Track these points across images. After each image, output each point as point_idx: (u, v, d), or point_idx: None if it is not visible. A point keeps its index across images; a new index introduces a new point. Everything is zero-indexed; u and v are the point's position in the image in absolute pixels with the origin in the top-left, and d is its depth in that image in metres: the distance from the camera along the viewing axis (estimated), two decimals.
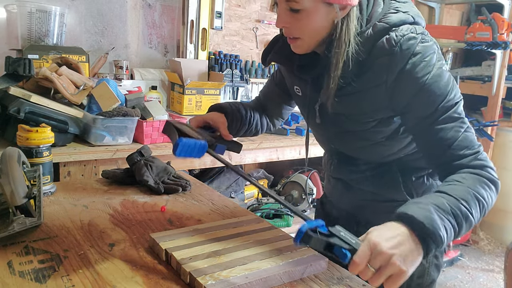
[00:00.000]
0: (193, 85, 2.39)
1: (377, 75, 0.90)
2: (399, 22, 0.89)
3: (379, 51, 0.89)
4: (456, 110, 0.89)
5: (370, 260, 0.72)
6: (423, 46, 0.87)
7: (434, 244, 0.75)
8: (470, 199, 0.81)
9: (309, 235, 0.72)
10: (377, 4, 0.93)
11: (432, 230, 0.75)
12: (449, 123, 0.88)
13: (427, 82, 0.87)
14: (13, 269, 0.79)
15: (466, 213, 0.80)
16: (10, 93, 1.59)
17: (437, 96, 0.87)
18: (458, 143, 0.88)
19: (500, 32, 3.17)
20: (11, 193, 0.90)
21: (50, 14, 2.04)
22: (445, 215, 0.78)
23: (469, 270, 3.10)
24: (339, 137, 1.09)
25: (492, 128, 3.48)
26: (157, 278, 0.80)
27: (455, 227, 0.79)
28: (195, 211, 1.14)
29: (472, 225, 0.82)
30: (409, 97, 0.89)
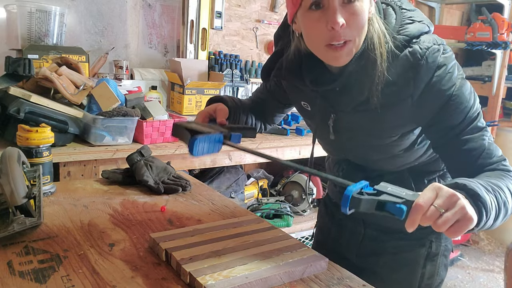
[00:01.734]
0: (193, 85, 2.39)
1: (402, 89, 0.88)
2: (418, 33, 0.87)
3: (403, 64, 0.86)
4: (480, 119, 0.89)
5: (437, 202, 0.68)
6: (445, 58, 0.86)
7: (484, 213, 0.73)
8: (504, 189, 0.80)
9: (357, 198, 0.67)
10: (389, 15, 0.90)
11: (484, 198, 0.73)
12: (476, 133, 0.88)
13: (453, 94, 0.86)
14: (13, 269, 0.79)
15: (504, 199, 0.79)
16: (10, 93, 1.59)
17: (463, 107, 0.87)
18: (487, 152, 0.88)
19: (500, 32, 3.17)
20: (11, 193, 0.90)
21: (50, 14, 2.04)
22: (490, 195, 0.76)
23: (469, 270, 3.10)
24: (354, 151, 1.07)
25: (492, 128, 3.48)
26: (157, 278, 0.80)
27: (497, 207, 0.77)
28: (195, 211, 1.14)
29: (508, 213, 0.80)
30: (436, 110, 0.88)
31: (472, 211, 0.69)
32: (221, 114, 1.02)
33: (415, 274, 1.08)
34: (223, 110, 1.03)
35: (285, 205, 2.60)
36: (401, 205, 0.67)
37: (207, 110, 1.04)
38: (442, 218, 0.67)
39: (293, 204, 2.71)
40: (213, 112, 1.03)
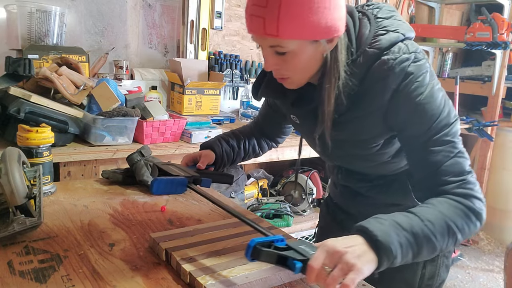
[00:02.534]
0: (193, 85, 2.39)
1: (373, 100, 0.89)
2: (390, 45, 0.87)
3: (372, 76, 0.88)
4: (449, 132, 0.87)
5: (325, 262, 0.71)
6: (416, 66, 0.85)
7: (386, 257, 0.74)
8: (437, 223, 0.80)
9: (258, 249, 0.72)
10: (363, 26, 0.90)
11: (385, 244, 0.73)
12: (439, 146, 0.86)
13: (420, 102, 0.85)
14: (13, 269, 0.79)
15: (428, 236, 0.78)
16: (10, 93, 1.59)
17: (429, 116, 0.86)
18: (444, 168, 0.86)
19: (500, 32, 3.18)
20: (11, 193, 0.90)
21: (50, 14, 2.04)
22: (402, 233, 0.76)
23: (469, 270, 3.11)
24: (343, 160, 1.08)
25: (492, 128, 3.49)
26: (157, 278, 0.80)
27: (413, 246, 0.77)
28: (195, 211, 1.14)
29: (436, 249, 0.80)
30: (403, 116, 0.88)
31: (361, 262, 0.71)
32: (204, 160, 1.13)
33: (415, 274, 1.09)
34: (208, 156, 1.15)
35: (285, 205, 2.60)
36: (297, 262, 0.72)
37: (193, 155, 1.16)
38: (329, 277, 0.70)
39: (293, 204, 2.71)
40: (199, 156, 1.15)
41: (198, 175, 1.07)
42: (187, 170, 1.09)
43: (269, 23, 0.79)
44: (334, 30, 0.83)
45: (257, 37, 0.86)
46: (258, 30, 0.82)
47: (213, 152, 1.17)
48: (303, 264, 0.72)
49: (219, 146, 1.18)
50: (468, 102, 3.81)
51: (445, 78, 3.86)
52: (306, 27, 0.80)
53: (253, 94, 1.07)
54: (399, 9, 3.58)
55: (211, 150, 1.17)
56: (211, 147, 1.18)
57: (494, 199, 3.61)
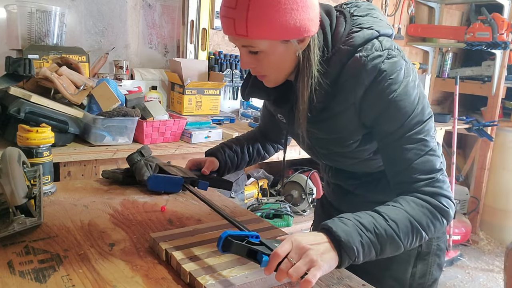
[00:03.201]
0: (193, 85, 2.39)
1: (347, 97, 0.90)
2: (363, 41, 0.88)
3: (345, 73, 0.89)
4: (421, 130, 0.87)
5: (290, 254, 0.74)
6: (390, 63, 0.86)
7: (347, 255, 0.77)
8: (402, 222, 0.82)
9: (229, 240, 0.75)
10: (339, 24, 0.91)
11: (346, 243, 0.76)
12: (410, 144, 0.87)
13: (392, 100, 0.86)
14: (13, 269, 0.79)
15: (391, 235, 0.81)
16: (10, 93, 1.59)
17: (401, 114, 0.87)
18: (414, 166, 0.87)
19: (500, 32, 3.18)
20: (11, 193, 0.90)
21: (50, 14, 2.04)
22: (365, 232, 0.79)
23: (469, 270, 3.11)
24: (328, 157, 1.09)
25: (492, 128, 3.49)
26: (157, 278, 0.80)
27: (376, 245, 0.80)
28: (195, 211, 1.14)
29: (400, 247, 0.83)
30: (375, 113, 0.89)
31: (324, 259, 0.74)
32: (208, 166, 1.15)
33: (406, 272, 1.09)
34: (212, 162, 1.17)
35: (285, 205, 2.61)
36: (265, 256, 0.74)
37: (198, 160, 1.19)
38: (293, 268, 0.72)
39: (293, 204, 2.71)
40: (203, 162, 1.17)
41: (196, 177, 1.10)
42: (186, 172, 1.13)
43: (238, 24, 0.82)
44: (304, 30, 0.84)
45: (230, 37, 0.88)
46: (229, 30, 0.85)
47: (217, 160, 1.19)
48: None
49: (222, 153, 1.21)
50: (468, 102, 3.82)
51: (445, 78, 3.86)
52: (275, 27, 0.82)
53: (241, 94, 1.09)
54: (399, 9, 3.58)
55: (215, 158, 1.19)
56: (214, 155, 1.20)
57: (494, 199, 3.61)
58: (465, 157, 3.98)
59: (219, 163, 1.18)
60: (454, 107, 3.18)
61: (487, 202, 3.65)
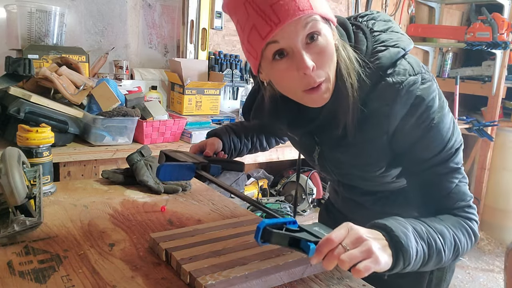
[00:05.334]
0: (193, 85, 2.39)
1: (378, 125, 0.84)
2: (391, 62, 0.81)
3: (376, 98, 0.82)
4: (454, 159, 0.85)
5: (345, 241, 0.68)
6: (424, 89, 0.80)
7: (402, 260, 0.72)
8: (447, 237, 0.80)
9: (269, 231, 0.68)
10: (359, 41, 0.84)
11: (406, 247, 0.72)
12: (445, 173, 0.85)
13: (429, 127, 0.82)
14: (13, 269, 0.79)
15: (439, 248, 0.79)
16: (10, 93, 1.59)
17: (437, 143, 0.83)
18: (451, 195, 0.85)
19: (500, 32, 3.18)
20: (11, 193, 0.90)
21: (50, 14, 2.04)
22: (420, 240, 0.76)
23: (469, 270, 3.10)
24: (344, 178, 1.04)
25: (492, 128, 3.49)
26: (157, 278, 0.80)
27: (426, 255, 0.77)
28: (195, 211, 1.14)
29: (442, 262, 0.81)
30: (411, 141, 0.84)
31: (382, 254, 0.69)
32: (211, 148, 1.07)
33: (423, 280, 1.05)
34: (214, 144, 1.08)
35: (285, 205, 2.60)
36: (311, 243, 0.68)
37: (199, 144, 1.10)
38: (347, 253, 0.66)
39: (293, 204, 2.71)
40: (205, 145, 1.08)
41: (206, 161, 1.01)
42: (195, 157, 1.03)
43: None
44: (332, 15, 0.80)
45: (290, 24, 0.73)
46: (292, 11, 0.72)
47: (220, 140, 1.11)
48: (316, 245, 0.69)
49: (227, 135, 1.13)
50: (468, 102, 3.82)
51: (445, 78, 3.86)
52: (324, 2, 0.78)
53: (244, 116, 1.03)
54: (399, 9, 3.58)
55: (218, 138, 1.12)
56: (219, 135, 1.12)
57: (494, 199, 3.61)
58: (465, 157, 3.96)
59: (222, 145, 1.11)
60: (454, 107, 3.18)
61: (487, 202, 3.65)
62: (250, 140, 1.19)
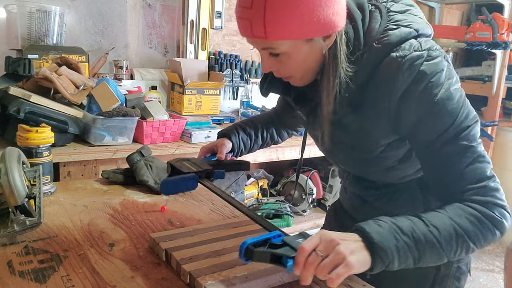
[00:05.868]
0: (193, 85, 2.39)
1: (380, 102, 0.83)
2: (400, 40, 0.80)
3: (379, 75, 0.81)
4: (467, 136, 0.79)
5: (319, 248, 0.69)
6: (429, 65, 0.78)
7: (380, 260, 0.71)
8: (444, 229, 0.75)
9: (250, 249, 0.71)
10: (374, 19, 0.83)
11: (380, 247, 0.71)
12: (456, 152, 0.79)
13: (433, 105, 0.79)
14: (13, 269, 0.79)
15: (431, 241, 0.74)
16: (10, 93, 1.59)
17: (444, 120, 0.79)
18: (463, 176, 0.79)
19: (500, 32, 3.18)
20: (11, 193, 0.89)
21: (50, 14, 2.04)
22: (402, 236, 0.73)
23: None
24: (348, 163, 1.03)
25: (492, 128, 3.48)
26: (157, 278, 0.80)
27: (413, 251, 0.73)
28: (195, 211, 1.14)
29: (442, 256, 0.76)
30: (414, 119, 0.81)
31: (353, 257, 0.69)
32: (221, 150, 1.12)
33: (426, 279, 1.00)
34: (225, 145, 1.13)
35: (285, 205, 2.60)
36: (290, 260, 0.70)
37: (210, 146, 1.15)
38: (320, 266, 0.68)
39: (293, 204, 2.71)
40: (215, 147, 1.13)
41: (210, 168, 1.04)
42: (200, 164, 1.05)
43: (256, 25, 0.75)
44: (329, 26, 0.77)
45: (248, 40, 0.82)
46: (246, 33, 0.79)
47: (230, 141, 1.15)
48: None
49: (236, 135, 1.16)
50: None
51: None
52: (295, 26, 0.75)
53: (260, 90, 1.03)
54: None
55: (228, 139, 1.15)
56: (228, 136, 1.15)
57: None
58: None
59: (232, 145, 1.14)
60: None
61: None
62: (261, 136, 1.22)
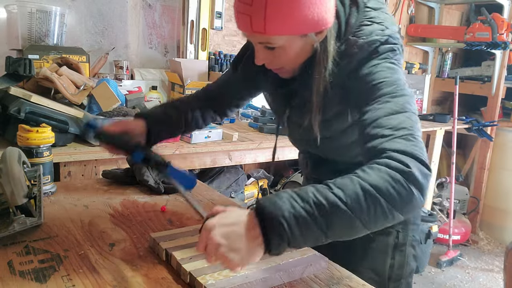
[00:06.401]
0: (193, 85, 2.39)
1: (342, 76, 0.88)
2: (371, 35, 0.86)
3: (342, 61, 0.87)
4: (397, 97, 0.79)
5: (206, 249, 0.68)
6: (385, 48, 0.85)
7: (274, 232, 0.65)
8: (349, 188, 0.68)
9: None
10: (352, 14, 0.88)
11: (271, 216, 0.65)
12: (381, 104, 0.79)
13: (374, 71, 0.83)
14: (13, 269, 0.79)
15: (335, 203, 0.66)
16: (10, 93, 1.59)
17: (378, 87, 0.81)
18: (379, 122, 0.77)
19: (500, 32, 3.18)
20: (12, 193, 0.90)
21: (50, 14, 2.04)
22: (299, 203, 0.66)
23: (468, 270, 3.11)
24: (311, 143, 1.05)
25: (492, 128, 3.49)
26: (157, 278, 0.80)
27: (317, 218, 0.65)
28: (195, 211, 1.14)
29: (354, 220, 0.67)
30: (358, 90, 0.85)
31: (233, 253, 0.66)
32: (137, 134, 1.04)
33: (385, 263, 1.11)
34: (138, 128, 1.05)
35: None
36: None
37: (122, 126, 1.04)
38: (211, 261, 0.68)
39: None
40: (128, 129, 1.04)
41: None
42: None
43: (255, 21, 0.79)
44: (322, 23, 0.82)
45: (245, 34, 0.86)
46: (245, 27, 0.82)
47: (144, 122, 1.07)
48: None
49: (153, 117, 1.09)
50: (468, 102, 3.82)
51: (445, 78, 3.86)
52: (294, 22, 0.79)
53: (233, 67, 1.05)
54: (399, 9, 3.58)
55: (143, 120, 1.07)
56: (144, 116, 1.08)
57: (493, 199, 3.61)
58: (465, 157, 3.98)
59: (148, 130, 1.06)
60: (454, 107, 3.18)
61: (487, 202, 3.66)
62: (184, 121, 1.13)
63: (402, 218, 0.70)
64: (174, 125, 1.12)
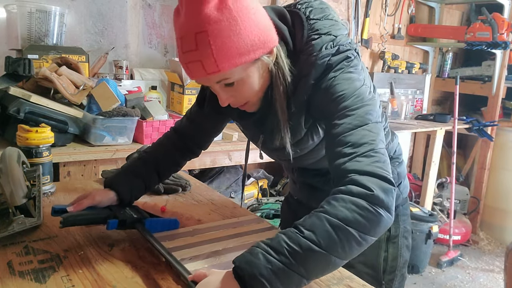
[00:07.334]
0: (193, 85, 2.39)
1: (301, 97, 0.87)
2: (321, 48, 0.85)
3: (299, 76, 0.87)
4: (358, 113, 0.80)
5: None
6: (337, 58, 0.85)
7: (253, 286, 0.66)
8: (319, 227, 0.69)
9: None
10: (298, 30, 0.88)
11: (250, 277, 0.66)
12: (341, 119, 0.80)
13: (332, 84, 0.83)
14: (13, 269, 0.79)
15: (308, 247, 0.67)
16: (10, 93, 1.59)
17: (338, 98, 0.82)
18: (340, 139, 0.78)
19: (500, 32, 3.18)
20: (11, 193, 0.90)
21: (50, 14, 2.04)
22: (275, 257, 0.67)
23: (469, 270, 3.11)
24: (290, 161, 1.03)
25: (492, 128, 3.49)
26: (157, 278, 0.80)
27: (294, 266, 0.67)
28: (195, 211, 1.14)
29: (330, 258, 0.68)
30: (319, 105, 0.86)
31: None
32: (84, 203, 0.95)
33: (378, 257, 1.12)
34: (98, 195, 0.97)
35: None
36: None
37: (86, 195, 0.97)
38: None
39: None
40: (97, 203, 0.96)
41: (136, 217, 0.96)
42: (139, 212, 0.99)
43: (206, 62, 0.77)
44: (269, 41, 0.82)
45: (201, 80, 0.83)
46: (199, 73, 0.80)
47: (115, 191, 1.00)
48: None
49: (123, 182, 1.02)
50: (468, 102, 3.82)
51: (445, 78, 3.86)
52: (242, 51, 0.78)
53: (199, 105, 1.04)
54: (399, 9, 3.58)
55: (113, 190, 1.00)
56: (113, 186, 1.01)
57: (494, 199, 3.61)
58: (465, 157, 3.98)
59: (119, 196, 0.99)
60: (454, 107, 3.18)
61: (487, 202, 3.65)
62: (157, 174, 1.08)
63: (376, 239, 0.73)
64: (147, 185, 1.06)
